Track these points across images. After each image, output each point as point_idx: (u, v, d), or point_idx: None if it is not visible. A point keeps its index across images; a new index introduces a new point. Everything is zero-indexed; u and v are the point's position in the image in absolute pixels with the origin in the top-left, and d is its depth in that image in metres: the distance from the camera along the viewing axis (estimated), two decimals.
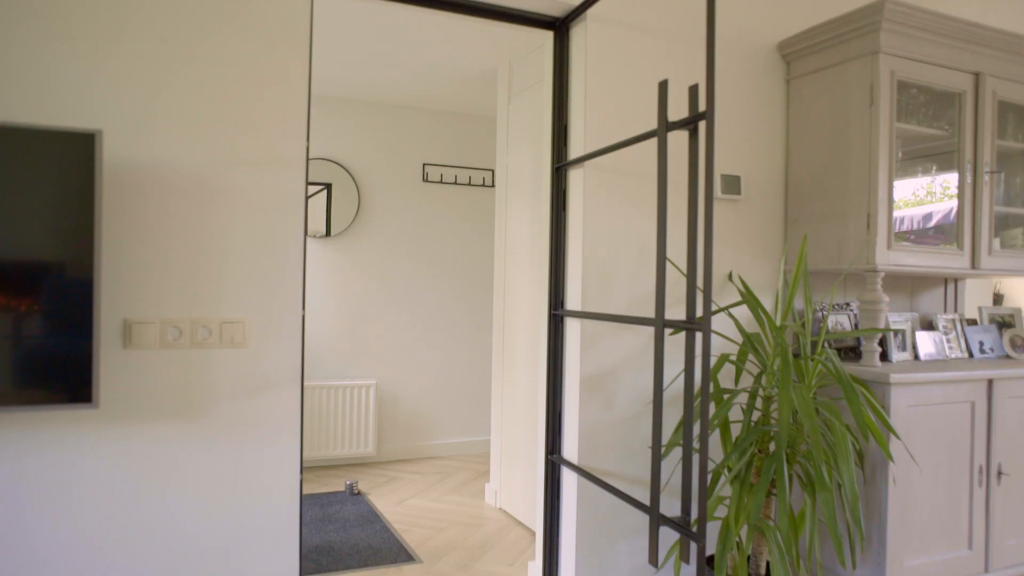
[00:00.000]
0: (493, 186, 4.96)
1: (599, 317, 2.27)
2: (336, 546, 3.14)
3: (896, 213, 2.80)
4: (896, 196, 2.78)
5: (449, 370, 4.85)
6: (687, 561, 1.86)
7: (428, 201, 4.80)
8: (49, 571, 1.83)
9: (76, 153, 1.68)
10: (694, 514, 2.31)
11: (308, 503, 3.75)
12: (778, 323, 2.38)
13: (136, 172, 1.90)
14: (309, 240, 4.49)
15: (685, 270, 2.45)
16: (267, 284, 2.04)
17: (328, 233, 4.52)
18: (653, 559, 1.91)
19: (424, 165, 4.78)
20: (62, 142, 1.67)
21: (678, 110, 2.64)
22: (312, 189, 4.51)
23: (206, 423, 1.98)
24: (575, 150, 2.54)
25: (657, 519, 1.92)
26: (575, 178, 2.54)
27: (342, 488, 4.04)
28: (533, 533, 3.38)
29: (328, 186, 4.55)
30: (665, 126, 1.91)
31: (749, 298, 2.39)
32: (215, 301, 1.99)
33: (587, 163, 2.49)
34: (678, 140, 2.64)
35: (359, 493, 3.93)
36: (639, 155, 2.58)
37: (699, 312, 2.53)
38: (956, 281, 3.32)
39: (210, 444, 1.99)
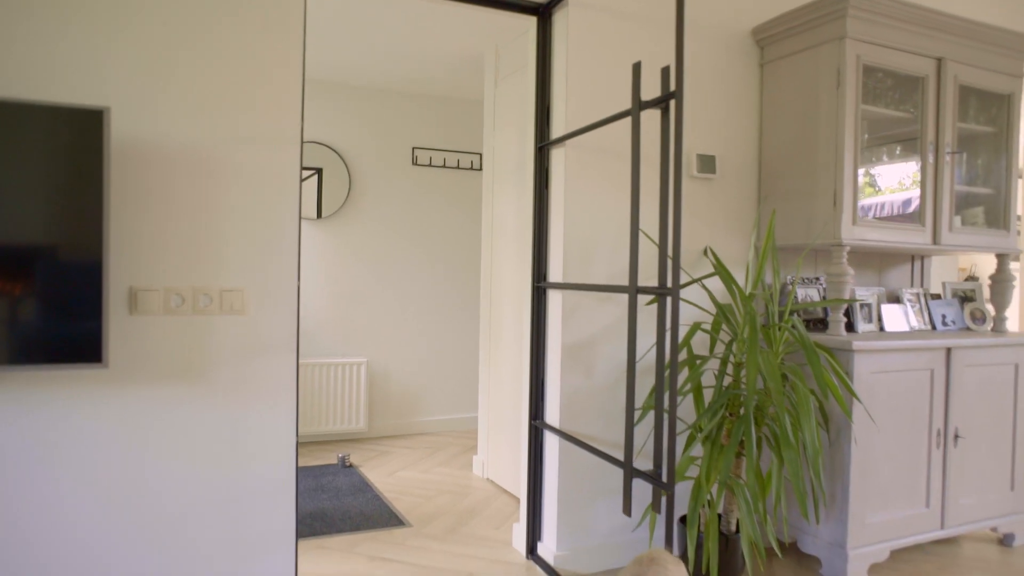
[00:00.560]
0: (481, 169, 5.08)
1: (578, 287, 2.40)
2: (329, 513, 3.28)
3: (879, 199, 2.95)
4: (882, 184, 2.92)
5: (438, 349, 4.99)
6: (658, 511, 2.00)
7: (418, 184, 4.91)
8: (57, 523, 1.95)
9: (86, 129, 1.79)
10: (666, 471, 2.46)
11: (302, 474, 3.88)
12: (748, 293, 2.52)
13: (141, 148, 2.01)
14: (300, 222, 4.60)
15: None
16: (264, 255, 2.16)
17: (319, 215, 4.63)
18: (627, 509, 2.05)
19: (414, 149, 4.89)
20: (73, 118, 1.78)
21: (653, 92, 2.76)
22: (304, 173, 4.61)
23: (207, 385, 2.11)
24: (557, 130, 2.66)
25: (630, 472, 2.06)
26: (557, 157, 2.67)
27: (334, 461, 4.18)
28: (519, 500, 3.52)
29: (319, 171, 4.65)
30: (639, 105, 2.04)
31: (721, 270, 2.53)
32: (215, 271, 2.11)
33: (568, 142, 2.61)
34: (655, 122, 2.77)
35: (351, 465, 4.06)
36: (618, 136, 2.71)
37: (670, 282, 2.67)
38: (923, 258, 3.47)
39: (211, 405, 2.11)
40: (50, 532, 1.94)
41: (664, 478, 1.95)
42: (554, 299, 2.67)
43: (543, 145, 2.70)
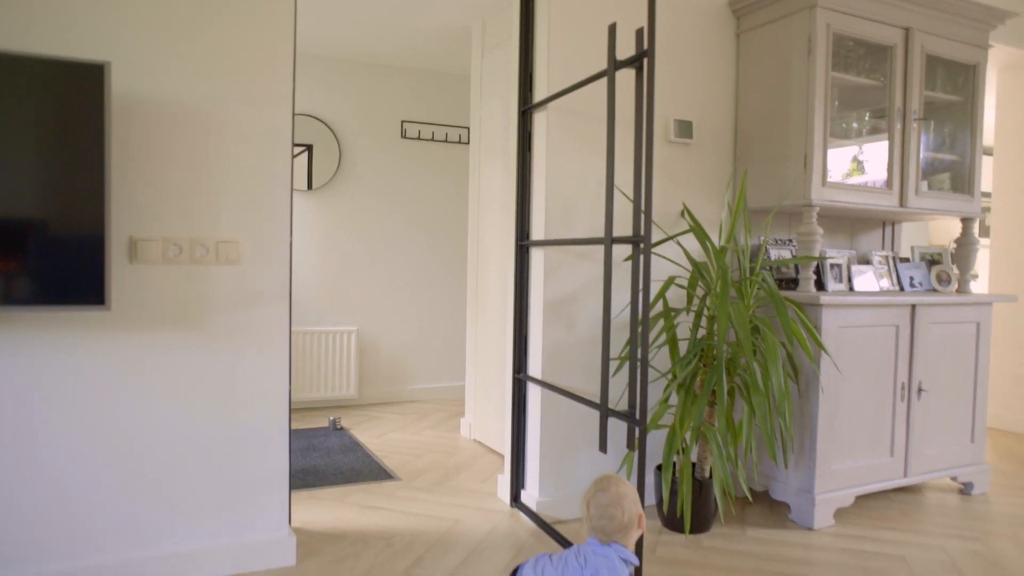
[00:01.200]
0: (468, 143, 5.17)
1: (559, 242, 2.52)
2: (320, 468, 3.40)
3: (868, 176, 3.06)
4: (869, 157, 3.04)
5: (427, 319, 5.10)
6: (632, 448, 2.13)
7: (406, 157, 5.00)
8: (59, 460, 2.06)
9: (88, 82, 1.88)
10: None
11: (294, 436, 3.99)
12: (720, 247, 2.64)
13: (142, 105, 2.10)
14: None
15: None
16: (258, 209, 2.26)
17: (310, 187, 4.72)
18: (603, 447, 2.18)
19: (403, 122, 4.98)
20: (76, 72, 1.87)
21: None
22: (295, 150, 4.68)
23: (204, 332, 2.21)
24: (540, 95, 2.76)
25: (606, 412, 2.19)
26: (539, 121, 2.78)
27: (325, 424, 4.30)
28: (504, 458, 3.65)
29: (309, 147, 4.73)
30: (614, 64, 2.15)
31: (696, 228, 2.65)
32: (212, 223, 2.21)
33: (550, 105, 2.72)
34: (633, 89, 2.87)
35: (341, 428, 4.18)
36: (597, 100, 2.81)
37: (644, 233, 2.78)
38: (893, 225, 3.61)
39: (208, 351, 2.22)
40: (52, 471, 2.04)
41: (637, 416, 2.08)
42: (536, 257, 2.79)
43: (526, 109, 2.80)
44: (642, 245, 2.04)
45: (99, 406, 2.08)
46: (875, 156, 3.02)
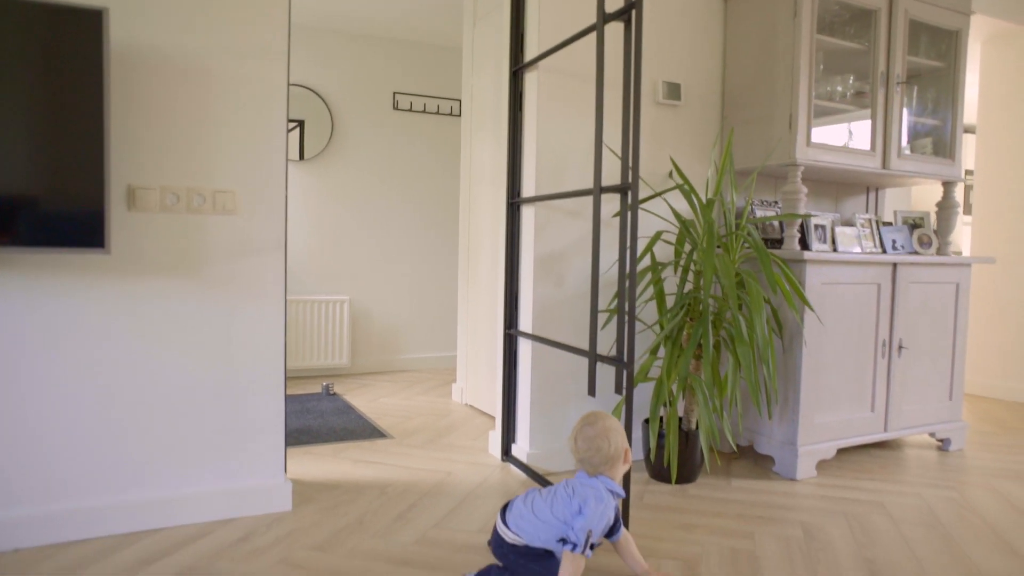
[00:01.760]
0: (460, 115, 5.21)
1: (549, 197, 2.57)
2: (314, 429, 3.45)
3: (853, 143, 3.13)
4: (855, 131, 3.10)
5: (419, 289, 5.15)
6: (619, 392, 2.19)
7: (399, 128, 5.03)
8: (58, 405, 2.10)
9: (86, 28, 1.91)
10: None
11: (286, 401, 4.04)
12: (706, 201, 2.70)
13: (141, 55, 2.13)
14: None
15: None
16: (254, 159, 2.30)
17: (302, 157, 4.74)
18: (591, 391, 2.24)
19: (395, 94, 5.00)
20: (74, 17, 1.89)
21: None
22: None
23: (202, 280, 2.25)
24: (531, 54, 2.81)
25: (594, 357, 2.25)
26: (530, 81, 2.82)
27: (318, 390, 4.35)
28: (495, 419, 3.72)
29: (301, 123, 4.75)
30: (603, 17, 2.19)
31: (684, 182, 2.71)
32: (208, 173, 2.24)
33: (540, 65, 2.76)
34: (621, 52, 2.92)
35: (334, 393, 4.23)
36: (586, 60, 2.86)
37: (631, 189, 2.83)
38: (877, 190, 3.68)
39: (205, 299, 2.26)
40: (53, 414, 2.09)
41: (624, 359, 2.14)
42: (527, 214, 2.84)
43: (517, 69, 2.85)
44: (629, 193, 2.09)
45: (99, 350, 2.13)
46: (860, 130, 3.09)
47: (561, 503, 1.84)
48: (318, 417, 3.67)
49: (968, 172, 6.69)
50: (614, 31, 2.89)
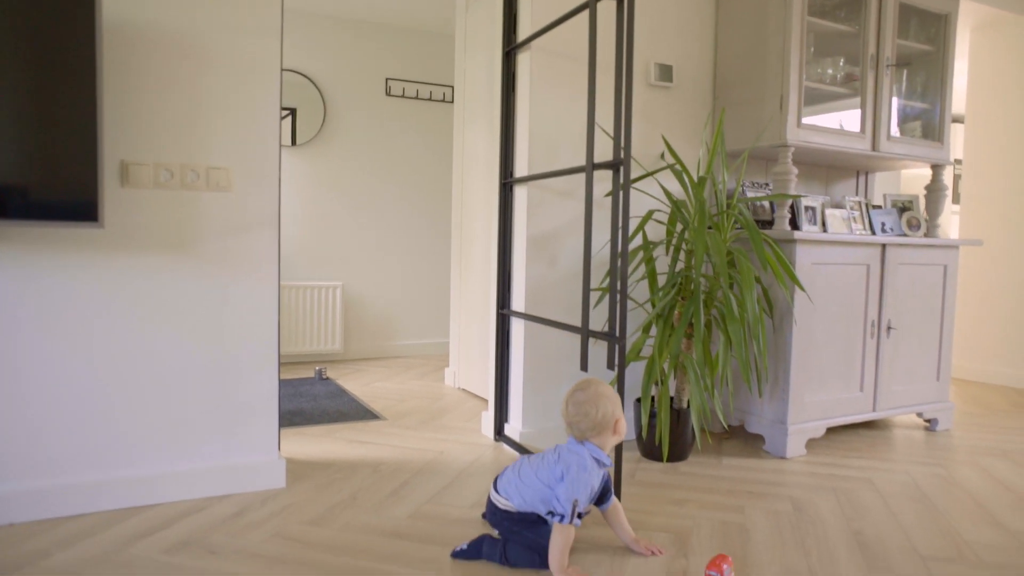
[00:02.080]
0: (452, 102, 5.21)
1: (542, 176, 2.58)
2: (307, 411, 3.46)
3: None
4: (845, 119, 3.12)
5: (411, 276, 5.16)
6: (611, 367, 2.21)
7: (391, 115, 5.03)
8: (52, 381, 2.10)
9: (78, 2, 1.91)
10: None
11: (280, 386, 4.04)
12: (697, 179, 2.71)
13: (134, 28, 2.12)
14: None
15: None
16: (248, 136, 2.30)
17: (294, 142, 4.73)
18: (584, 366, 2.26)
19: (387, 80, 5.00)
20: None
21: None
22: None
23: (196, 257, 2.26)
24: (524, 34, 2.81)
25: (587, 333, 2.27)
26: (523, 62, 2.83)
27: (311, 374, 4.35)
28: (488, 402, 3.74)
29: (293, 111, 4.74)
30: None
31: (676, 161, 2.72)
32: (202, 149, 2.24)
33: (533, 45, 2.77)
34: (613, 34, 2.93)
35: (327, 378, 4.24)
36: (579, 41, 2.87)
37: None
38: (867, 174, 3.71)
39: (199, 275, 2.26)
40: (48, 390, 2.09)
41: (616, 333, 2.16)
42: (520, 195, 2.85)
43: (510, 49, 2.85)
44: (621, 170, 2.11)
45: (93, 326, 2.13)
46: (850, 120, 3.11)
47: (547, 467, 1.86)
48: (311, 400, 3.68)
49: (957, 161, 6.75)
50: (606, 12, 2.90)
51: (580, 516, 1.79)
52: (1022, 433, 3.33)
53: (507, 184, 2.90)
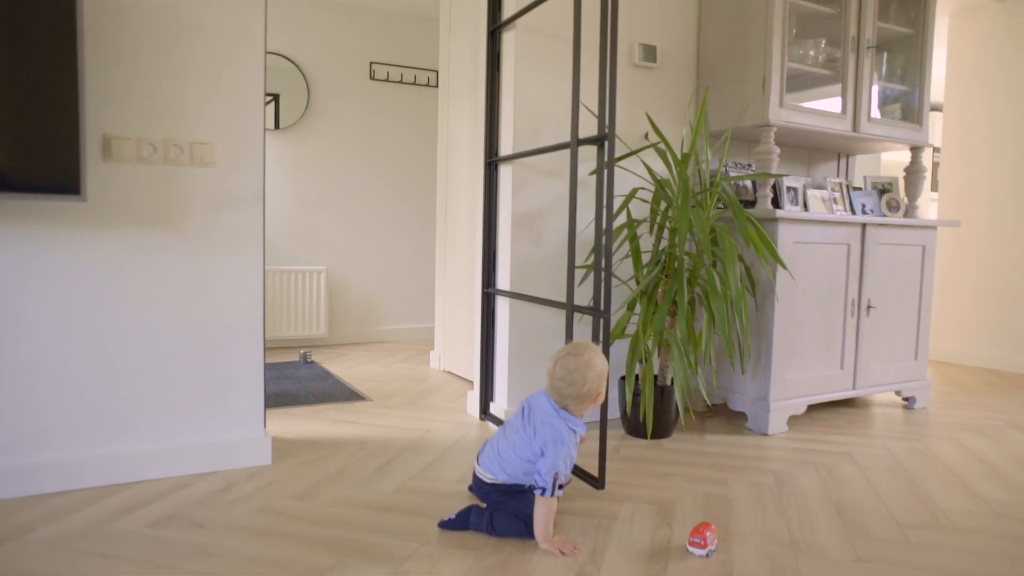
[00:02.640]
0: (437, 87, 5.19)
1: (527, 154, 2.59)
2: (292, 392, 3.46)
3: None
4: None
5: (396, 260, 5.15)
6: (596, 340, 2.23)
7: (376, 99, 5.01)
8: (36, 357, 2.09)
9: None
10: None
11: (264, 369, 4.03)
12: (681, 156, 2.74)
13: (117, 1, 2.10)
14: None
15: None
16: (232, 111, 2.29)
17: (277, 126, 4.70)
18: (569, 340, 2.27)
19: (371, 63, 4.97)
20: None
21: None
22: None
23: (180, 233, 2.25)
24: (508, 12, 2.81)
25: (572, 308, 2.29)
26: (508, 40, 2.83)
27: (296, 358, 4.34)
28: (473, 383, 3.75)
29: (276, 96, 4.70)
30: None
31: (660, 139, 2.74)
32: (186, 124, 2.23)
33: (518, 23, 2.77)
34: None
35: (312, 362, 4.23)
36: (563, 20, 2.87)
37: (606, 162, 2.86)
38: (848, 157, 3.75)
39: (183, 251, 2.25)
40: (31, 365, 2.07)
41: (601, 307, 2.18)
42: (505, 174, 2.86)
43: (495, 28, 2.85)
44: (606, 144, 2.12)
45: (74, 301, 2.11)
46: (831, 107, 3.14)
47: (524, 443, 1.87)
48: (296, 383, 3.68)
49: (935, 149, 6.83)
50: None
51: (561, 487, 1.81)
52: (996, 411, 3.40)
53: (492, 163, 2.91)
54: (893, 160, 5.65)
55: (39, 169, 1.90)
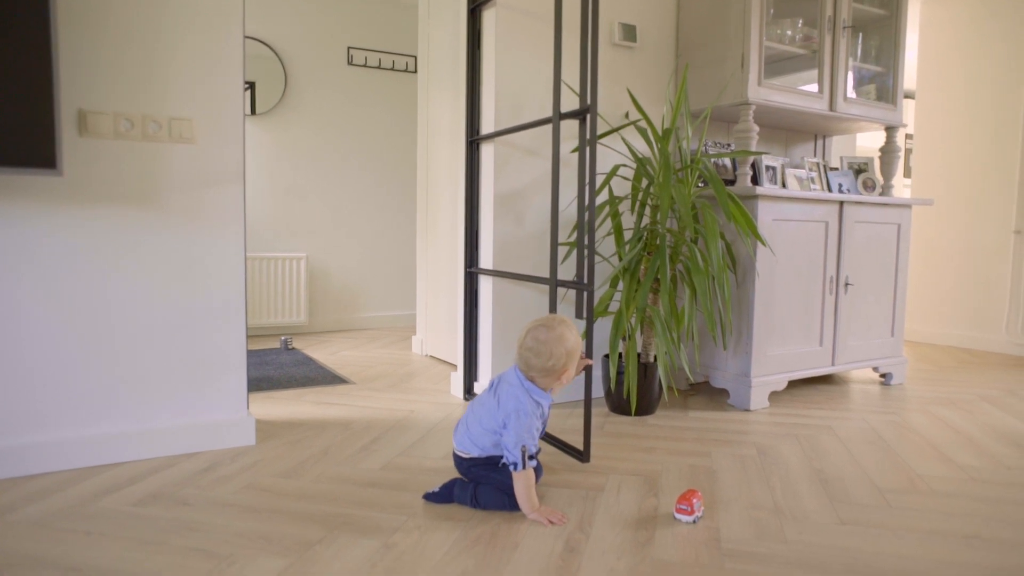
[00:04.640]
0: (415, 72, 5.16)
1: (509, 131, 2.59)
2: (274, 377, 3.43)
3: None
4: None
5: (376, 247, 5.13)
6: (580, 316, 2.24)
7: (354, 84, 4.97)
8: (14, 336, 2.05)
9: None
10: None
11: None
12: (662, 135, 2.75)
13: None
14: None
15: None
16: (211, 87, 2.26)
17: (253, 111, 4.65)
18: (552, 312, 2.28)
19: (349, 48, 4.93)
20: None
21: None
22: None
23: (160, 210, 2.22)
24: None
25: (555, 283, 2.30)
26: (488, 18, 2.82)
27: (277, 345, 4.31)
28: (456, 366, 3.75)
29: (252, 84, 4.64)
30: None
31: (642, 116, 2.75)
32: (164, 99, 2.20)
33: (499, 1, 2.76)
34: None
35: (293, 348, 4.20)
36: (544, 1, 2.87)
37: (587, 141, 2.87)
38: (824, 138, 3.80)
39: (164, 229, 2.22)
40: (10, 345, 2.03)
41: (584, 281, 2.19)
42: (487, 153, 2.85)
43: (475, 6, 2.84)
44: (588, 118, 2.12)
45: (50, 281, 2.08)
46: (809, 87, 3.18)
47: (488, 414, 1.87)
48: (278, 368, 3.65)
49: (907, 136, 6.93)
50: None
51: (533, 457, 1.81)
52: (969, 386, 3.47)
53: (474, 142, 2.90)
54: (867, 146, 5.73)
55: (13, 142, 1.86)
